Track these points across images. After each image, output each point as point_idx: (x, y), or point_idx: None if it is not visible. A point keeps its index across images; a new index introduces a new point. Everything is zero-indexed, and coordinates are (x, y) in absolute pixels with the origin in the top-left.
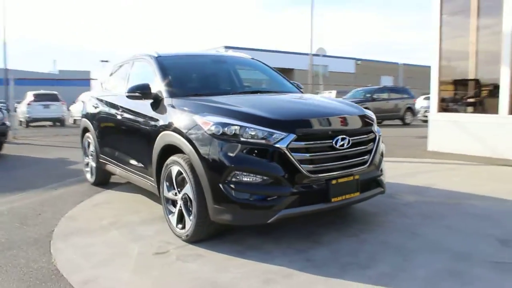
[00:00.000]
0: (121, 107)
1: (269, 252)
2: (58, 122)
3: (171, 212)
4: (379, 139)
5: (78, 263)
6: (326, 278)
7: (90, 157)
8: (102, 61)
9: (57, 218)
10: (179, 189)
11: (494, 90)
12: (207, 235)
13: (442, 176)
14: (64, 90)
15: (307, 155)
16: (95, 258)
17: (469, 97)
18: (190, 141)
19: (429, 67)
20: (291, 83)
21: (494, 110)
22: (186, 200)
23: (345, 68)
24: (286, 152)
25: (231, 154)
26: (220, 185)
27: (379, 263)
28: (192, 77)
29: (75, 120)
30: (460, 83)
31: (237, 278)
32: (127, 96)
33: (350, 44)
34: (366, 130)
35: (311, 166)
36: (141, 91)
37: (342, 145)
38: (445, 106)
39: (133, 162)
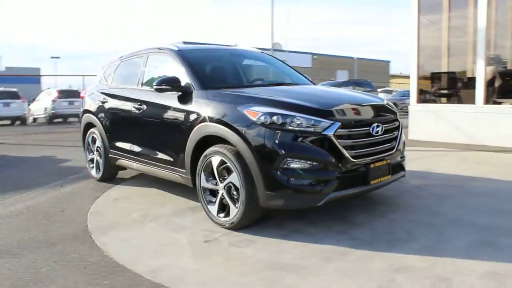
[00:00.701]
0: (140, 100)
1: (314, 234)
2: (19, 120)
3: (210, 202)
4: (402, 126)
5: (134, 255)
6: (379, 252)
7: (96, 152)
8: (53, 57)
9: (82, 214)
10: (221, 179)
11: (470, 82)
12: (252, 221)
13: (433, 162)
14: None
15: (350, 141)
16: (147, 250)
17: (448, 89)
18: (237, 131)
19: (382, 61)
20: (302, 75)
21: (471, 100)
22: (229, 188)
23: (302, 63)
24: (333, 139)
25: (282, 142)
26: (273, 172)
27: (418, 238)
28: (217, 70)
29: (35, 118)
30: (439, 76)
31: (297, 258)
32: (156, 89)
33: (304, 39)
34: (393, 118)
35: (353, 151)
36: (171, 84)
37: (377, 132)
38: (423, 97)
39: (157, 155)
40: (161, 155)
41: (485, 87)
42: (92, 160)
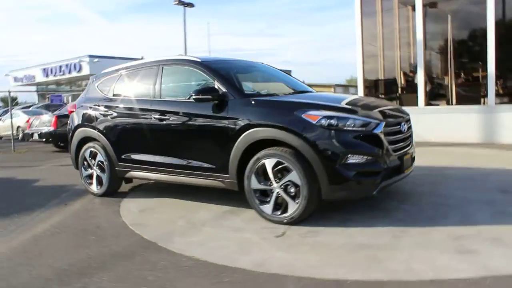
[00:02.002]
0: (162, 111)
1: (363, 221)
2: None
3: (263, 202)
4: (411, 126)
5: (225, 255)
6: (430, 227)
7: (96, 167)
8: None
9: (122, 227)
10: (276, 179)
11: (413, 86)
12: (309, 214)
13: None
14: None
15: (390, 138)
16: (231, 249)
17: (394, 92)
18: (297, 134)
19: (285, 70)
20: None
21: (414, 103)
22: (285, 187)
23: None
24: (381, 136)
25: (342, 141)
26: (336, 168)
27: (448, 215)
28: (243, 79)
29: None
30: (382, 83)
31: (370, 239)
32: (195, 99)
33: (204, 51)
34: (408, 117)
35: (393, 146)
36: (211, 94)
37: (404, 129)
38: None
39: (190, 163)
40: (195, 163)
41: (425, 92)
42: (90, 176)
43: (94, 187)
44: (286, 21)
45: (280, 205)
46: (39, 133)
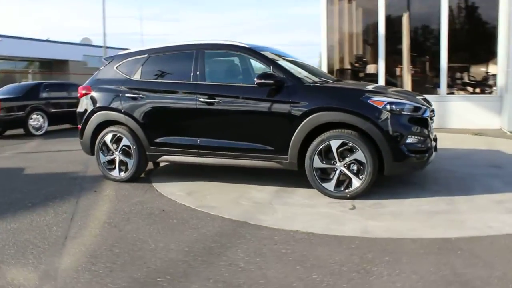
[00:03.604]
0: (211, 94)
1: (408, 193)
2: None
3: (324, 180)
4: None
5: (325, 227)
6: (469, 196)
7: (119, 152)
8: None
9: (192, 210)
10: (340, 159)
11: (371, 76)
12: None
13: None
14: None
15: (430, 121)
16: (326, 221)
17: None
18: (366, 117)
19: None
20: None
21: None
22: (349, 165)
23: None
24: (428, 119)
25: (403, 124)
26: (400, 147)
27: (471, 185)
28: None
29: None
30: (344, 71)
31: (432, 206)
32: (258, 84)
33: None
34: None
35: (430, 128)
36: (273, 79)
37: (433, 115)
38: None
39: (245, 146)
40: (251, 145)
41: (385, 81)
42: (111, 161)
43: (116, 173)
44: (186, 6)
45: (342, 182)
46: None
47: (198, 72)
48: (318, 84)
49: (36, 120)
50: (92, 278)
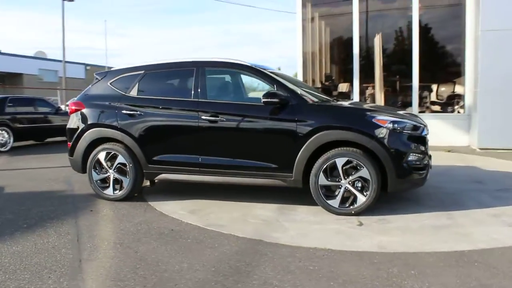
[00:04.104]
0: (213, 112)
1: (407, 209)
2: None
3: (330, 197)
4: None
5: (341, 243)
6: (466, 210)
7: (114, 171)
8: None
9: (201, 229)
10: (345, 176)
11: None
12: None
13: None
14: None
15: (426, 139)
16: (339, 238)
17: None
18: (371, 135)
19: None
20: None
21: None
22: (353, 182)
23: (75, 74)
24: (426, 138)
25: (405, 142)
26: (402, 164)
27: (463, 200)
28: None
29: None
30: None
31: (434, 221)
32: (264, 102)
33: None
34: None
35: (427, 146)
36: (278, 97)
37: (427, 133)
38: None
39: (248, 164)
40: (254, 163)
41: (359, 98)
42: (104, 180)
43: (110, 191)
44: (134, 22)
45: (347, 199)
46: None
47: (199, 90)
48: (323, 103)
49: (1, 136)
50: None
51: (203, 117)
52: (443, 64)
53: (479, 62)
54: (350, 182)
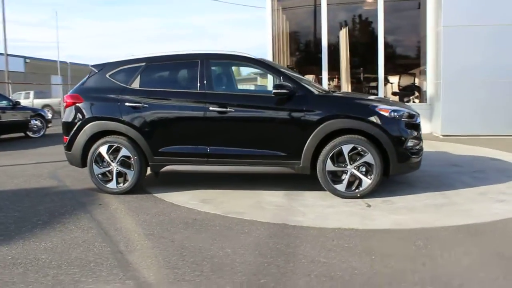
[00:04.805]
0: (221, 103)
1: (403, 190)
2: None
3: (336, 182)
4: None
5: (360, 223)
6: (457, 190)
7: (117, 164)
8: None
9: (223, 217)
10: (351, 162)
11: None
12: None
13: None
14: None
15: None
16: (356, 219)
17: None
18: (375, 124)
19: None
20: None
21: None
22: (358, 167)
23: (14, 67)
24: (420, 125)
25: (405, 129)
26: (403, 149)
27: (451, 181)
28: None
29: None
30: None
31: (433, 200)
32: (275, 93)
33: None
34: None
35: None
36: (288, 89)
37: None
38: None
39: (257, 152)
40: (264, 152)
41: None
42: (105, 173)
43: (113, 185)
44: (74, 13)
45: (352, 183)
46: None
47: (205, 81)
48: (328, 94)
49: None
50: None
51: (211, 108)
52: (407, 57)
53: (441, 55)
54: (355, 167)
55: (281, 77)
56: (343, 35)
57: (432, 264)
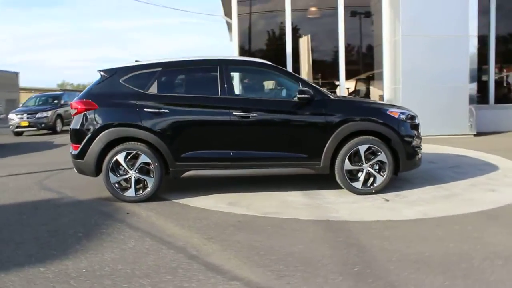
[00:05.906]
0: (244, 108)
1: (411, 183)
2: None
3: (353, 179)
4: None
5: (388, 214)
6: (451, 182)
7: (135, 171)
8: None
9: (264, 217)
10: (366, 161)
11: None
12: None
13: None
14: None
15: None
16: (383, 212)
17: None
18: (388, 126)
19: (11, 72)
20: None
21: None
22: (372, 165)
23: None
24: (419, 125)
25: (411, 130)
26: (410, 148)
27: (439, 176)
28: None
29: None
30: None
31: (440, 192)
32: (299, 98)
33: None
34: None
35: None
36: (309, 94)
37: None
38: None
39: (280, 155)
40: (286, 154)
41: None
42: (124, 181)
43: (131, 193)
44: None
45: (367, 180)
46: None
47: (226, 86)
48: (344, 98)
49: None
50: (324, 282)
51: (234, 113)
52: (365, 64)
53: (400, 63)
54: (370, 166)
55: (300, 83)
56: (305, 42)
57: (484, 243)
